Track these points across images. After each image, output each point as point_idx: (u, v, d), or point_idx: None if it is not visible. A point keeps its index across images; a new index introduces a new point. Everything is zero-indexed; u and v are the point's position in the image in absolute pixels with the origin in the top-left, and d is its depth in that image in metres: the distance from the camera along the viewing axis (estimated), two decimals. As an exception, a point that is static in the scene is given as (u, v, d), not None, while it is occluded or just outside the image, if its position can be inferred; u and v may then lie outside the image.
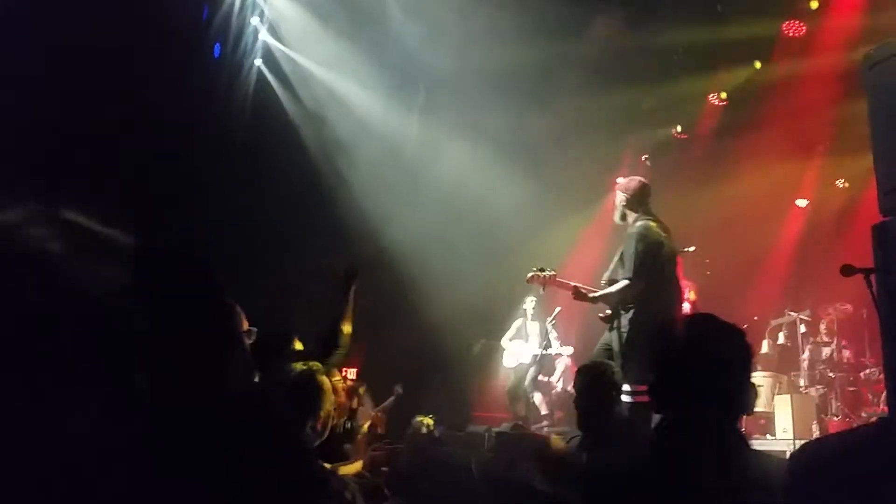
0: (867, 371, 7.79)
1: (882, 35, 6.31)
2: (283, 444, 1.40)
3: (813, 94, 9.14)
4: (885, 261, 3.23)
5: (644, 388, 5.36)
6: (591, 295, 5.66)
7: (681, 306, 5.89)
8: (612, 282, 5.74)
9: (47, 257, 1.20)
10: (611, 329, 5.78)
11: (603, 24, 8.89)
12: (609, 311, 5.79)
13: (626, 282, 5.45)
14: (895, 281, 3.12)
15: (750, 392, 1.87)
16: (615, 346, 5.65)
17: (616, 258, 5.77)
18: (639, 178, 6.07)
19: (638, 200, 5.77)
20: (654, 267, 5.50)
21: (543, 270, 5.92)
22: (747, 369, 1.90)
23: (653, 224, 5.64)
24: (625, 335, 5.54)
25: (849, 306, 8.28)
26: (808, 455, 1.87)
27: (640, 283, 5.42)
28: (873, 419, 6.58)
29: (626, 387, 5.49)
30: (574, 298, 5.72)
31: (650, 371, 1.96)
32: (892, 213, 3.35)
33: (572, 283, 5.75)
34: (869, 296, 3.24)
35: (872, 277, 3.29)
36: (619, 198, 5.86)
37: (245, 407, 1.37)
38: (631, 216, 5.74)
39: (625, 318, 5.60)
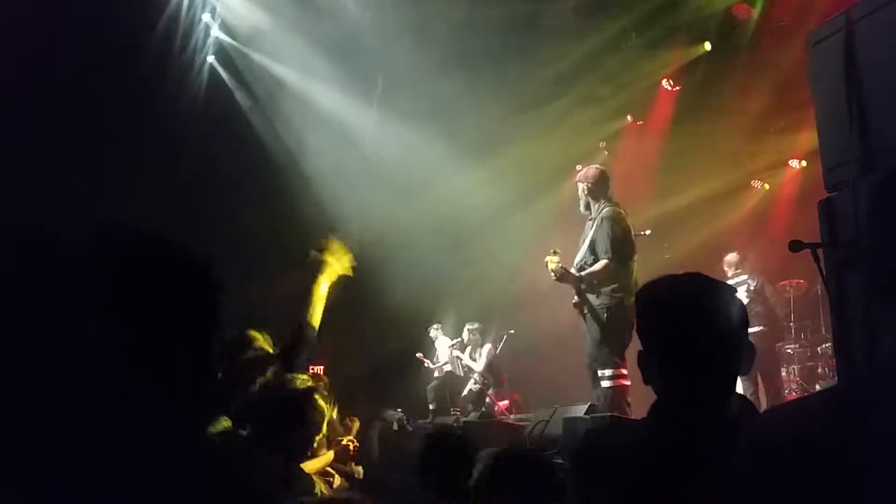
0: (824, 345, 7.95)
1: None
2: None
3: (765, 73, 9.27)
4: (830, 236, 3.30)
5: (623, 372, 5.52)
6: (576, 275, 5.81)
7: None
8: (582, 268, 5.85)
9: None
10: (582, 316, 5.87)
11: (553, 11, 8.91)
12: (577, 298, 5.88)
13: (605, 261, 5.65)
14: (841, 256, 3.18)
15: (747, 350, 1.74)
16: (590, 332, 5.74)
17: (585, 245, 5.86)
18: (596, 165, 6.23)
19: (599, 188, 5.99)
20: (626, 249, 5.70)
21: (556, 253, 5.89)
22: (743, 326, 1.78)
23: (619, 209, 5.83)
24: (599, 320, 5.64)
25: (804, 282, 8.44)
26: (759, 426, 1.86)
27: (617, 263, 5.66)
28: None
29: (606, 372, 5.61)
30: (558, 280, 5.81)
31: (641, 340, 1.80)
32: (837, 188, 3.41)
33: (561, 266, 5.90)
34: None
35: (820, 252, 3.37)
36: (581, 188, 6.04)
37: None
38: (595, 204, 5.95)
39: (596, 303, 5.70)
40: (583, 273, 5.80)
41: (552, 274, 5.75)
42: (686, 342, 1.70)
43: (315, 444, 3.07)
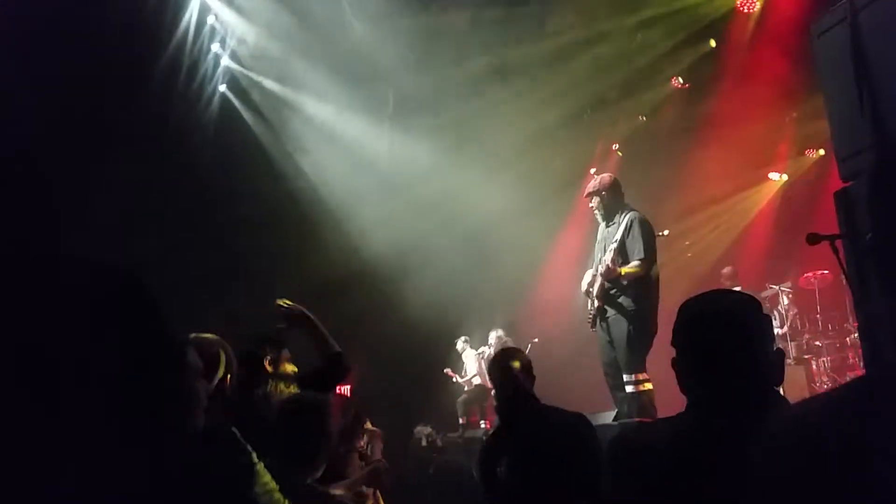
0: (852, 336, 7.84)
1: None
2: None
3: (775, 66, 9.21)
4: (848, 226, 3.26)
5: (645, 377, 5.45)
6: (618, 270, 5.66)
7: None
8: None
9: None
10: (601, 321, 5.79)
11: (558, 18, 8.92)
12: (595, 308, 5.80)
13: (640, 261, 5.58)
14: (859, 245, 3.15)
15: (778, 359, 1.85)
16: (615, 337, 5.66)
17: (611, 248, 5.74)
18: (607, 173, 6.16)
19: (617, 194, 5.92)
20: (656, 251, 5.68)
21: None
22: (772, 338, 1.91)
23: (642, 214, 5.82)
24: (632, 322, 5.56)
25: (828, 273, 8.34)
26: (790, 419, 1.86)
27: (651, 263, 5.60)
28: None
29: (633, 376, 5.54)
30: (603, 276, 5.70)
31: (676, 352, 1.93)
32: (852, 178, 3.38)
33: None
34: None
35: (839, 243, 3.33)
36: (596, 201, 5.94)
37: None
38: (617, 211, 5.86)
39: (626, 305, 5.62)
40: (623, 270, 5.66)
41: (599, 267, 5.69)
42: (726, 356, 1.81)
43: (347, 464, 3.07)
